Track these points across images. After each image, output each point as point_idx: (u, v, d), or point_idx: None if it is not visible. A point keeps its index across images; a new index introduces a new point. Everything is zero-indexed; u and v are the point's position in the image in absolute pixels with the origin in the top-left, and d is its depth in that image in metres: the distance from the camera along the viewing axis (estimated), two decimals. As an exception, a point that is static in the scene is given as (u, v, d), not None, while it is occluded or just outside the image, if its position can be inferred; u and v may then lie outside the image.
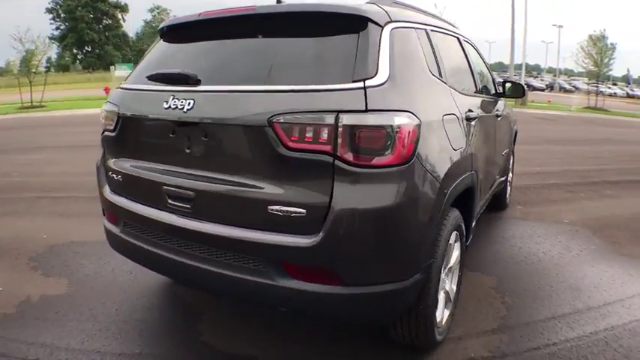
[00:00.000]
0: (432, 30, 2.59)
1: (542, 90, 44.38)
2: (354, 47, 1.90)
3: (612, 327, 2.59)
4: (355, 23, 1.97)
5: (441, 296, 2.31)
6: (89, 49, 66.35)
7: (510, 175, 5.01)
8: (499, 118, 3.76)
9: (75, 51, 67.38)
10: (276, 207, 1.82)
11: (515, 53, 30.55)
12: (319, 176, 1.78)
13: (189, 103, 2.01)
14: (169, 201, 2.12)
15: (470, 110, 2.69)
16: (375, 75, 1.84)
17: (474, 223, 2.94)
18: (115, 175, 2.42)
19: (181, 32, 2.49)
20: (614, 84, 54.55)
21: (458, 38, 3.25)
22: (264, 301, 2.09)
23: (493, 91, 3.83)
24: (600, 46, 26.81)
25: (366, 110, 1.75)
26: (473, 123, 2.71)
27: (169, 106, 2.07)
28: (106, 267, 3.38)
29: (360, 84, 1.80)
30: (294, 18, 2.11)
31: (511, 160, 4.92)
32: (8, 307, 2.80)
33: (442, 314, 2.36)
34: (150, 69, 2.31)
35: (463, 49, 3.27)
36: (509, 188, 5.00)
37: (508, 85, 4.00)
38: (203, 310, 2.80)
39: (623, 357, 2.31)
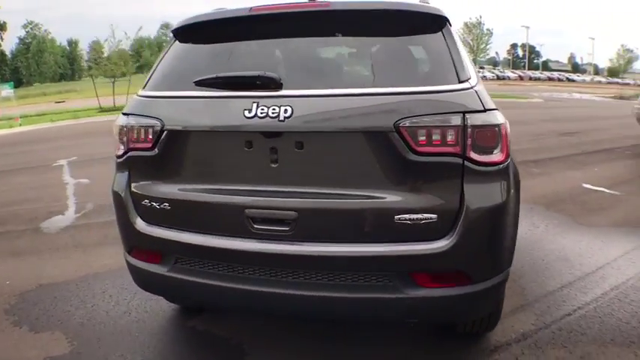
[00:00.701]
0: None
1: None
2: (444, 47, 1.91)
3: (616, 287, 2.99)
4: (438, 23, 1.98)
5: None
6: (-31, 72, 58.89)
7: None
8: None
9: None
10: (405, 215, 1.76)
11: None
12: (448, 178, 1.79)
13: (285, 110, 1.80)
14: (255, 226, 1.89)
15: None
16: (471, 75, 1.89)
17: None
18: (154, 204, 2.06)
19: (216, 30, 2.18)
20: (482, 67, 60.43)
21: None
22: (390, 317, 2.01)
23: None
24: (476, 33, 29.43)
25: (485, 110, 1.80)
26: None
27: (255, 115, 1.82)
28: (97, 311, 3.01)
29: (467, 84, 1.83)
30: (374, 16, 2.00)
31: None
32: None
33: None
34: (186, 73, 2.02)
35: None
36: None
37: None
38: (241, 341, 2.56)
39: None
